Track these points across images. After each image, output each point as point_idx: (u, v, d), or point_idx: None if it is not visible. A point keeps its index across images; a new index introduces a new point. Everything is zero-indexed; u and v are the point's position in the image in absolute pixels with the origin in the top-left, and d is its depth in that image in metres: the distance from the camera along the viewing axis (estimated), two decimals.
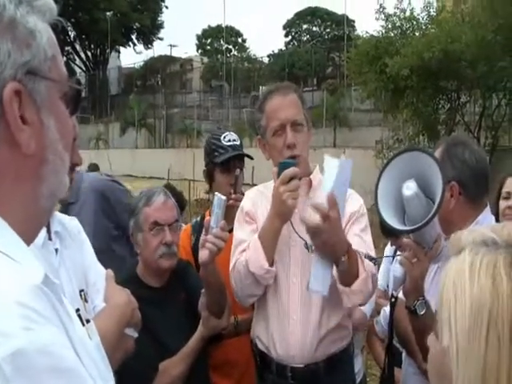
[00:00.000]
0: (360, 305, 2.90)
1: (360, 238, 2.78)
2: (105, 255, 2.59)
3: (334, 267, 2.56)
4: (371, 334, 4.15)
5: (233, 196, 3.23)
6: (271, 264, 2.73)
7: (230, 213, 3.00)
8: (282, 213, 2.66)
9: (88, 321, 1.49)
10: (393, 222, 2.36)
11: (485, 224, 2.38)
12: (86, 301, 1.98)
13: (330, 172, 2.50)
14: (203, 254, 2.75)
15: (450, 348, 1.12)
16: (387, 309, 3.83)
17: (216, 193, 2.87)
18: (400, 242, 2.68)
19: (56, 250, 1.95)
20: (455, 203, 2.57)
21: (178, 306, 3.02)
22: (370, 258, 2.67)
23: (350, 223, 2.81)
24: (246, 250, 2.76)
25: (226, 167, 3.36)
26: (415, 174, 2.30)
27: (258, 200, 2.96)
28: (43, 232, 1.87)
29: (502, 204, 3.84)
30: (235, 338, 3.27)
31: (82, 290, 2.01)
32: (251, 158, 3.46)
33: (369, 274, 2.64)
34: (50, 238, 1.99)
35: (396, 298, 2.57)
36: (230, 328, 3.20)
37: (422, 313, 2.40)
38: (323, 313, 2.80)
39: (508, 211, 3.78)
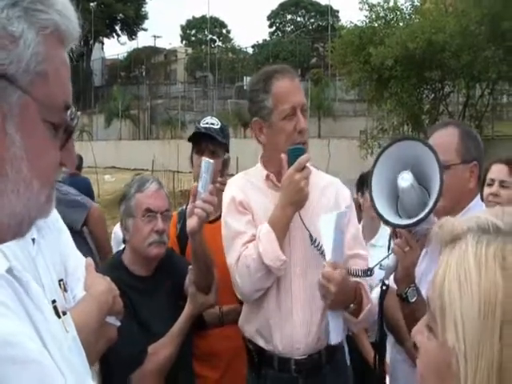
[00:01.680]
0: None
1: (355, 240, 2.80)
2: None
3: None
4: None
5: (219, 179, 3.17)
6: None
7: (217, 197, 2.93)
8: (297, 201, 2.62)
9: (64, 313, 1.47)
10: (387, 213, 2.34)
11: (476, 210, 2.37)
12: (65, 290, 1.95)
13: (327, 227, 2.53)
14: (192, 222, 2.68)
15: (457, 348, 1.04)
16: (374, 296, 3.83)
17: (203, 157, 2.81)
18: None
19: (33, 239, 1.91)
20: (474, 184, 2.59)
21: (164, 294, 2.99)
22: (368, 270, 2.63)
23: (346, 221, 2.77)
24: (250, 242, 2.68)
25: (198, 147, 3.34)
26: (409, 163, 2.28)
27: (247, 189, 2.85)
28: None
29: (486, 190, 3.85)
30: (220, 328, 3.23)
31: (61, 280, 1.98)
32: (223, 143, 3.38)
33: (372, 302, 2.66)
34: None
35: (387, 286, 2.55)
36: (214, 318, 3.17)
37: (413, 300, 2.39)
38: (324, 306, 2.78)
39: (491, 198, 3.79)
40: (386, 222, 2.38)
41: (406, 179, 2.27)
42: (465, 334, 1.02)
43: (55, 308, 1.34)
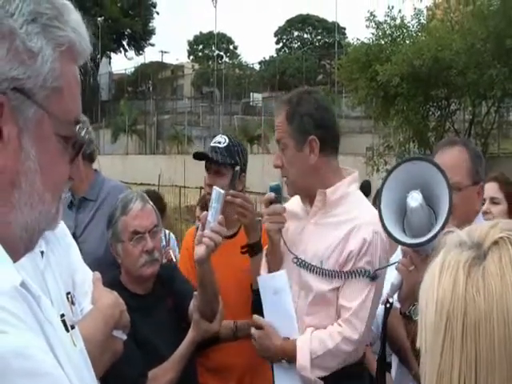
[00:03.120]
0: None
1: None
2: None
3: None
4: None
5: (230, 192, 3.16)
6: None
7: (228, 211, 2.95)
8: (268, 234, 2.77)
9: (73, 327, 1.47)
10: (395, 231, 2.33)
11: None
12: (73, 303, 1.96)
13: (263, 288, 2.78)
14: (199, 250, 2.69)
15: (421, 348, 1.15)
16: (378, 312, 3.83)
17: (214, 186, 2.81)
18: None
19: (42, 252, 1.93)
20: (480, 204, 2.61)
21: (165, 312, 2.97)
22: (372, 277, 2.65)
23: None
24: None
25: (206, 167, 3.30)
26: (418, 183, 2.28)
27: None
28: None
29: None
30: (235, 342, 3.23)
31: (68, 293, 1.98)
32: (219, 163, 3.26)
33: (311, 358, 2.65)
34: None
35: (391, 303, 2.55)
36: (228, 332, 3.17)
37: (417, 318, 2.38)
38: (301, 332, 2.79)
39: (484, 216, 3.81)
40: (395, 240, 2.36)
41: (415, 199, 2.26)
42: (426, 336, 1.13)
43: (64, 322, 1.35)
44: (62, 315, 1.47)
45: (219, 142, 3.30)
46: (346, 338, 2.62)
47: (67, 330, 1.34)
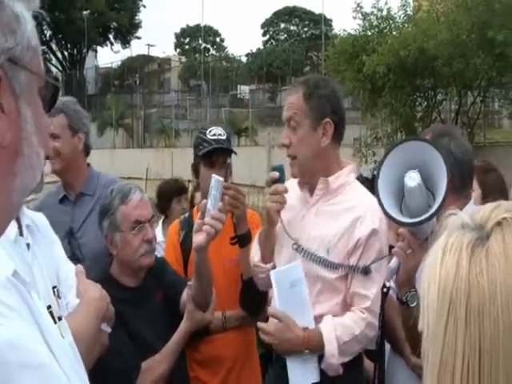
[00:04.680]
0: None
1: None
2: None
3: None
4: None
5: (224, 184, 3.17)
6: (265, 261, 2.85)
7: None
8: (267, 216, 2.75)
9: (60, 318, 1.48)
10: (393, 211, 2.33)
11: None
12: (59, 297, 1.97)
13: (278, 281, 2.69)
14: (199, 238, 2.69)
15: (423, 331, 1.12)
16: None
17: (213, 175, 2.81)
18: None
19: (28, 244, 1.93)
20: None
21: (155, 305, 2.96)
22: (365, 268, 2.67)
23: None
24: None
25: (208, 160, 3.26)
26: (417, 164, 2.28)
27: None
28: (14, 228, 1.85)
29: None
30: (223, 333, 3.25)
31: (54, 287, 1.99)
32: (235, 153, 3.37)
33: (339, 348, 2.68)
34: (21, 234, 1.97)
35: (388, 288, 2.54)
36: (217, 323, 3.18)
37: (413, 305, 2.36)
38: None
39: None
40: (393, 220, 2.36)
41: (413, 178, 2.26)
42: (428, 318, 1.10)
43: (51, 313, 1.36)
44: (49, 307, 1.48)
45: (220, 135, 3.30)
46: (370, 323, 2.67)
47: (55, 322, 1.35)
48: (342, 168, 2.85)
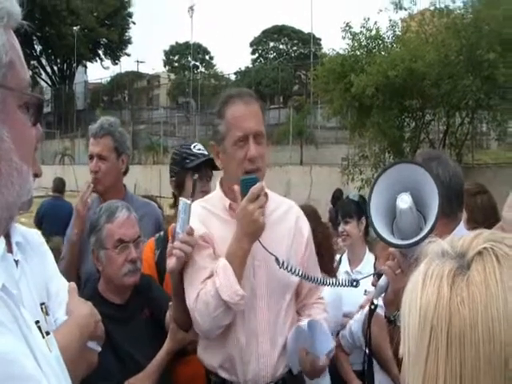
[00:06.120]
0: None
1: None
2: None
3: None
4: (337, 349, 4.14)
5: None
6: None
7: None
8: (252, 232, 2.57)
9: (48, 333, 1.47)
10: (384, 232, 2.34)
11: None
12: (47, 314, 1.95)
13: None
14: (171, 262, 2.62)
15: (404, 357, 1.15)
16: (353, 322, 3.84)
17: (181, 198, 2.80)
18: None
19: (16, 261, 1.92)
20: None
21: (141, 322, 2.97)
22: (354, 281, 2.67)
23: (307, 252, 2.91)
24: (209, 278, 2.62)
25: (198, 174, 3.29)
26: (409, 186, 2.29)
27: (206, 219, 2.78)
28: (2, 244, 1.84)
29: None
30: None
31: (42, 303, 1.98)
32: (218, 169, 3.37)
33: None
34: (10, 251, 1.96)
35: (376, 305, 2.55)
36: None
37: (399, 324, 2.38)
38: (290, 330, 2.79)
39: None
40: (384, 241, 2.37)
41: (405, 201, 2.27)
42: (409, 344, 1.13)
43: (39, 328, 1.34)
44: (37, 321, 1.47)
45: (203, 150, 3.36)
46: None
47: (42, 337, 1.34)
48: None
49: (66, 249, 3.80)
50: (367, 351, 2.68)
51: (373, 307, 2.54)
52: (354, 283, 2.65)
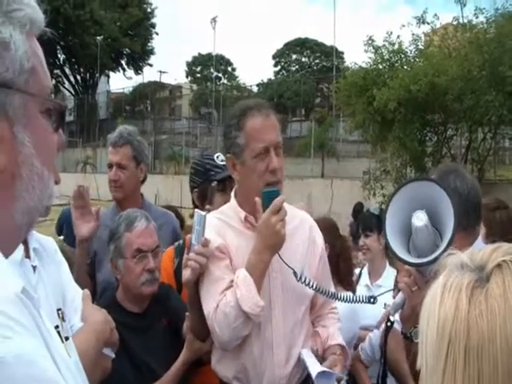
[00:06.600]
0: None
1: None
2: None
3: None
4: (356, 361, 4.12)
5: (207, 207, 3.14)
6: None
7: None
8: (274, 244, 2.57)
9: (67, 338, 1.48)
10: (400, 251, 2.35)
11: None
12: (63, 320, 1.96)
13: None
14: (186, 273, 2.64)
15: (421, 368, 1.14)
16: (373, 335, 3.82)
17: (196, 210, 2.80)
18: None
19: (34, 267, 1.93)
20: None
21: (159, 331, 2.97)
22: (372, 297, 2.68)
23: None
24: (227, 289, 2.61)
25: (223, 186, 3.29)
26: (424, 203, 2.29)
27: (222, 230, 2.76)
28: (20, 249, 1.86)
29: None
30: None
31: (59, 309, 1.99)
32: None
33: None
34: (27, 256, 1.98)
35: (392, 322, 2.54)
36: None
37: (417, 340, 2.37)
38: (305, 341, 2.79)
39: None
40: (401, 260, 2.38)
41: (420, 218, 2.28)
42: (427, 356, 1.12)
43: (58, 333, 1.35)
44: (57, 326, 1.48)
45: (224, 160, 3.32)
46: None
47: (62, 341, 1.35)
48: None
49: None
50: (383, 366, 2.67)
51: (389, 324, 2.54)
52: (372, 300, 2.64)
